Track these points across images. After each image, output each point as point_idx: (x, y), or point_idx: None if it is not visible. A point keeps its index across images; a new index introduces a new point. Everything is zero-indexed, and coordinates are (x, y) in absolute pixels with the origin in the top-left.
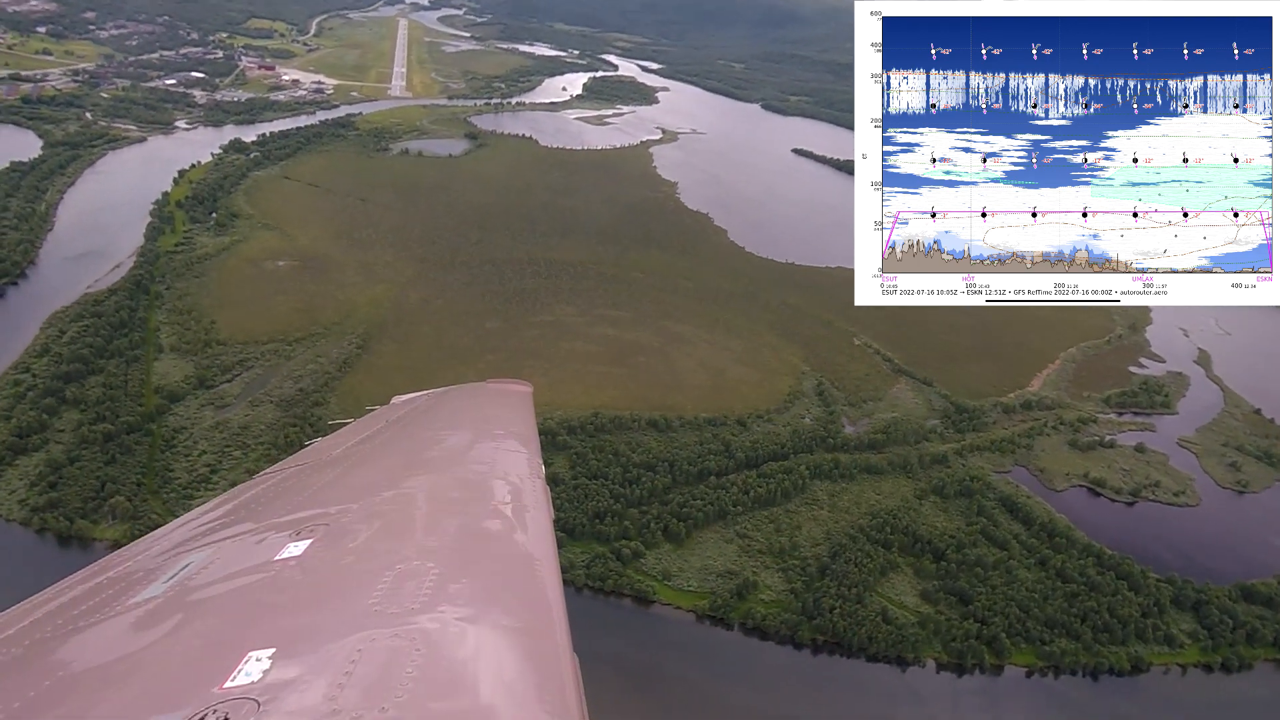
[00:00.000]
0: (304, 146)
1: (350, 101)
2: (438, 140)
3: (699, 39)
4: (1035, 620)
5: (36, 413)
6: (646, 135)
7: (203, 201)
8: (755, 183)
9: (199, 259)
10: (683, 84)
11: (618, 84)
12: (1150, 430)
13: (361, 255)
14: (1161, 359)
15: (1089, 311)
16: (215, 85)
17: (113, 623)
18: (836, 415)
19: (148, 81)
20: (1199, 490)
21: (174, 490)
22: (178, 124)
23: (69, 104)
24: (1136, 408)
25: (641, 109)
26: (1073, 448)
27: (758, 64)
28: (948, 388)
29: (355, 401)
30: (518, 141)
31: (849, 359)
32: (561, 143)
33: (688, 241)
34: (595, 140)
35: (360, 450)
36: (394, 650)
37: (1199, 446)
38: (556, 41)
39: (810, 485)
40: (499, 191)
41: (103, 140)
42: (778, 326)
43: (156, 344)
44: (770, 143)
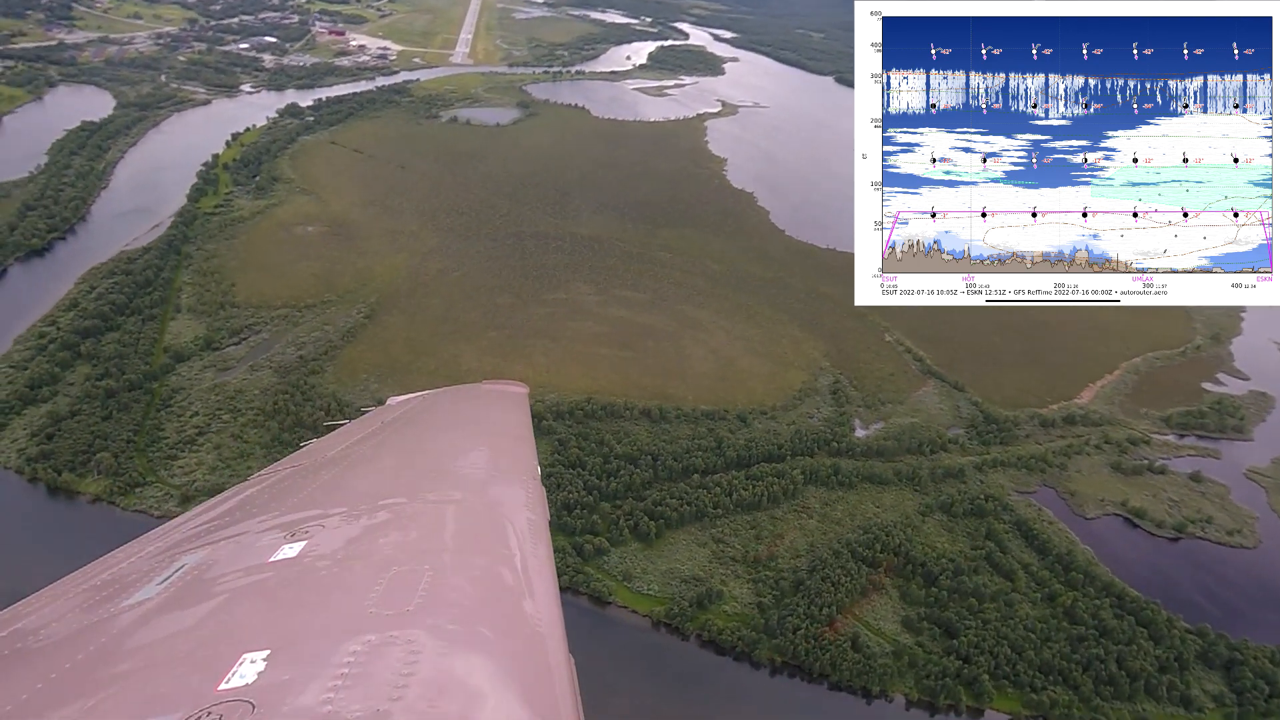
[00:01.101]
0: (356, 112)
1: (412, 68)
2: (489, 108)
3: (779, 5)
4: (1028, 663)
5: (50, 365)
6: (704, 108)
7: (248, 165)
8: (810, 161)
9: (233, 221)
10: (754, 54)
11: (684, 53)
12: (1214, 457)
13: (390, 223)
14: (1245, 376)
15: (1166, 317)
16: (285, 50)
17: (107, 624)
18: (848, 417)
19: (223, 45)
20: (1260, 531)
21: (160, 450)
22: (243, 88)
23: (147, 66)
24: (1202, 430)
25: (705, 80)
26: (1115, 471)
27: (838, 33)
28: (981, 394)
29: (350, 372)
30: (569, 111)
31: (875, 356)
32: (614, 114)
33: (725, 221)
34: (650, 112)
35: (356, 452)
36: (389, 652)
37: (1271, 480)
38: (630, 8)
39: (802, 491)
40: (538, 162)
41: (170, 102)
42: (803, 316)
43: (176, 304)
44: (836, 118)
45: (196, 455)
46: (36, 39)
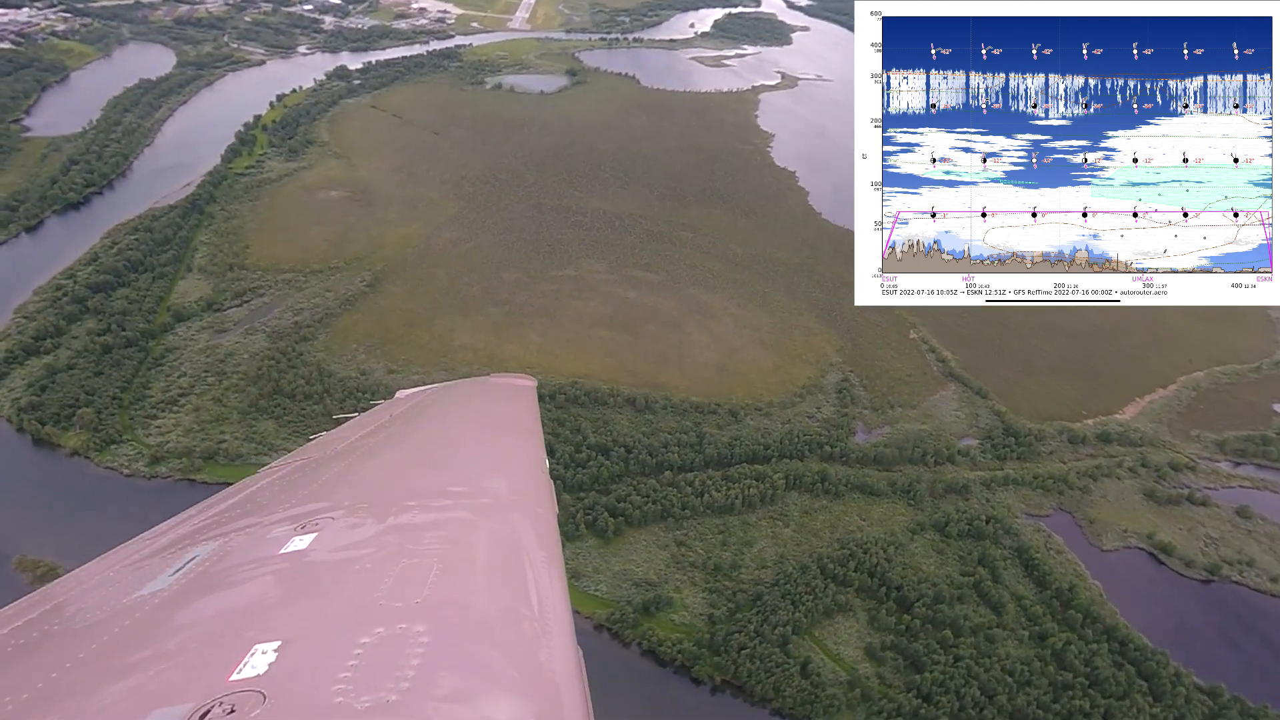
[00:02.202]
0: (402, 76)
1: (468, 32)
2: (536, 75)
3: None
4: (997, 709)
5: (57, 318)
6: (761, 80)
7: (287, 126)
8: None
9: (261, 183)
10: (827, 23)
11: (752, 21)
12: (1271, 491)
13: (412, 190)
14: None
15: (1239, 329)
16: (346, 12)
17: (120, 615)
18: (850, 419)
19: (289, 6)
20: None
21: (143, 408)
22: (298, 49)
23: (212, 26)
24: (1263, 459)
25: (768, 50)
26: (1147, 498)
27: None
28: (1007, 402)
29: (341, 341)
30: (617, 80)
31: (894, 354)
32: (664, 84)
33: (758, 201)
34: (703, 83)
35: (365, 445)
36: (398, 643)
37: None
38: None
39: (782, 497)
40: (576, 133)
41: (226, 62)
42: (824, 307)
43: (189, 263)
44: None
45: (175, 416)
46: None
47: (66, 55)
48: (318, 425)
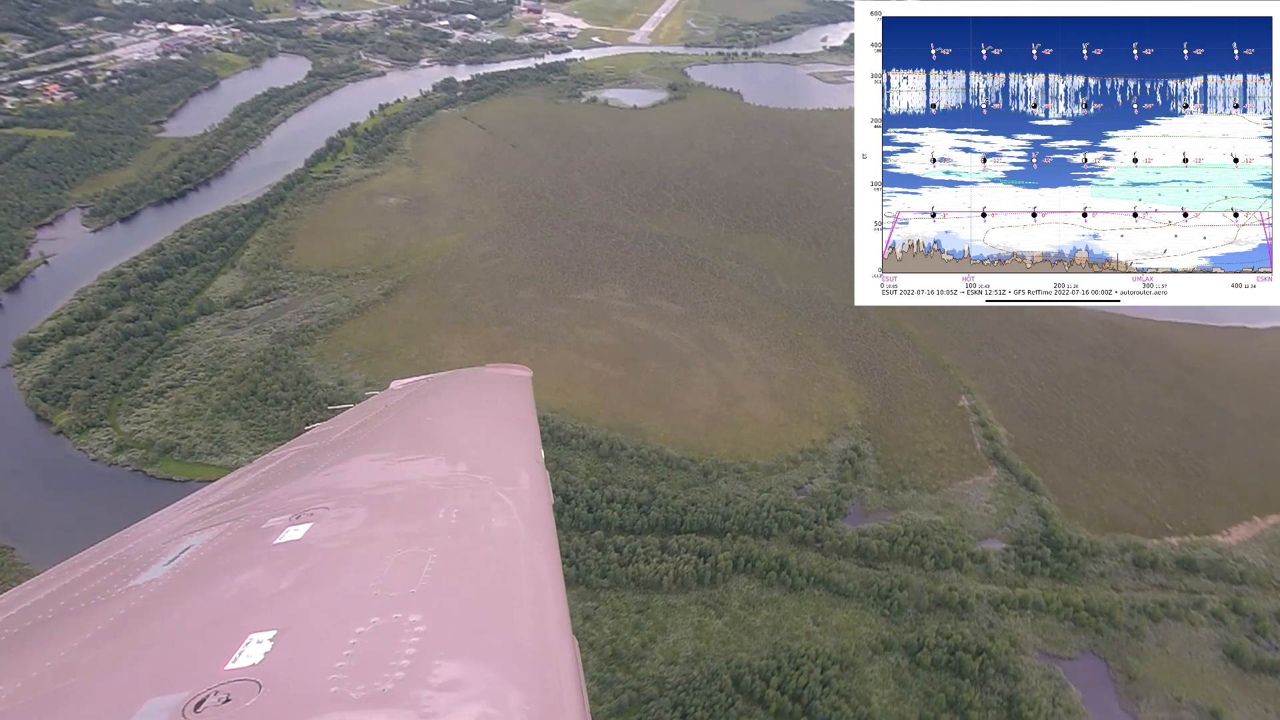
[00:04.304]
0: (503, 89)
1: (586, 46)
2: (637, 89)
3: None
4: None
5: (100, 303)
6: None
7: (376, 134)
8: None
9: (330, 187)
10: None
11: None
12: None
13: (466, 201)
14: None
15: None
16: (478, 26)
17: (115, 604)
18: (845, 497)
19: (428, 22)
20: None
21: (133, 396)
22: (420, 61)
23: (353, 40)
24: None
25: None
26: (1228, 659)
27: None
28: (1061, 500)
29: (334, 349)
30: (719, 95)
31: (931, 423)
32: (769, 99)
33: (825, 232)
34: (813, 99)
35: (360, 435)
36: (393, 632)
37: None
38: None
39: (726, 580)
40: (653, 149)
41: (351, 73)
42: (862, 359)
43: (234, 260)
44: None
45: (156, 407)
46: (286, 14)
47: (221, 65)
48: (281, 431)
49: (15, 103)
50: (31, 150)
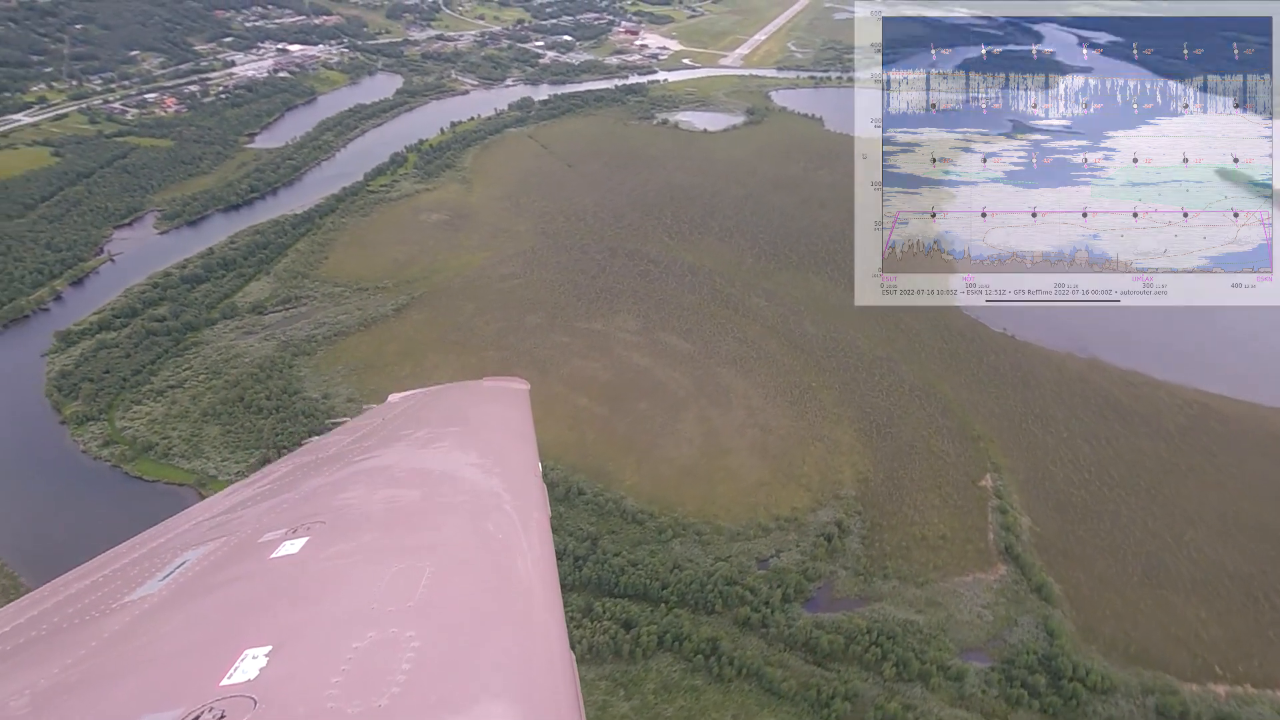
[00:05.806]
0: (575, 109)
1: (674, 67)
2: (713, 113)
3: None
4: None
5: (134, 301)
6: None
7: (439, 150)
8: None
9: (382, 200)
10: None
11: (1016, 60)
12: None
13: (504, 220)
14: None
15: None
16: (571, 47)
17: (109, 619)
18: (814, 577)
19: (525, 43)
20: None
21: (137, 393)
22: (506, 81)
23: (448, 60)
24: None
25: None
26: None
27: None
28: (1080, 616)
29: (330, 363)
30: (798, 121)
31: (940, 502)
32: (849, 127)
33: None
34: None
35: (357, 449)
36: (389, 647)
37: None
38: (986, 7)
39: (647, 659)
40: (711, 175)
41: (436, 90)
42: (877, 418)
43: (269, 267)
44: None
45: (152, 406)
46: (395, 35)
47: (322, 82)
48: (255, 441)
49: (135, 114)
50: (131, 157)
